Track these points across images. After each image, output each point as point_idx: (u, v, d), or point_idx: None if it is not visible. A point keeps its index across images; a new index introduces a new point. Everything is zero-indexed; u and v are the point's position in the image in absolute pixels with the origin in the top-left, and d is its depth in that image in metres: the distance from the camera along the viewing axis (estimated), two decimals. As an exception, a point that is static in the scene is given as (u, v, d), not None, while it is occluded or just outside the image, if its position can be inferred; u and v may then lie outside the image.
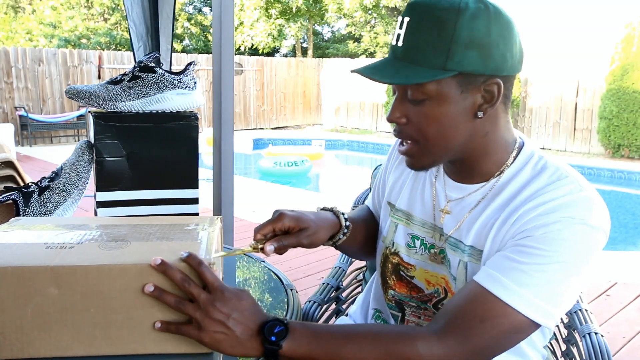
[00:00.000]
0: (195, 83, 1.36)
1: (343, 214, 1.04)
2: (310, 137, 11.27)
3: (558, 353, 1.21)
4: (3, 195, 1.20)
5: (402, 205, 1.05)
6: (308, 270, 3.38)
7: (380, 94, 12.44)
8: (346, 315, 1.35)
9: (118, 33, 17.54)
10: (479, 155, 0.89)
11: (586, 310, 1.18)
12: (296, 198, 5.95)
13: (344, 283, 1.49)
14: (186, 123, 1.32)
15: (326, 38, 21.31)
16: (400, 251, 1.03)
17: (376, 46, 20.10)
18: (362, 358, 0.77)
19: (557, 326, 1.23)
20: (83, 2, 18.37)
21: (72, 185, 1.26)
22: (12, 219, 0.97)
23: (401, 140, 0.91)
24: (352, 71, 0.87)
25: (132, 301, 0.76)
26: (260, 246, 0.90)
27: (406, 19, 0.83)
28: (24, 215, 1.20)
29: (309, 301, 1.34)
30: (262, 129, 13.20)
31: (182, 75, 1.35)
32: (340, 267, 1.49)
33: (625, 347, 2.47)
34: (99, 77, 10.63)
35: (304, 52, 17.84)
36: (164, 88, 1.33)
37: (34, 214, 1.20)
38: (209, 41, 18.42)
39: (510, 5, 0.86)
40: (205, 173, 2.21)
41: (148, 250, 0.80)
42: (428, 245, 0.99)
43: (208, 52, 15.60)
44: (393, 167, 1.11)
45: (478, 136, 0.87)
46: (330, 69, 14.22)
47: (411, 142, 0.88)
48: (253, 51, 16.63)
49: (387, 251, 1.06)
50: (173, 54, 2.33)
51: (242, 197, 5.04)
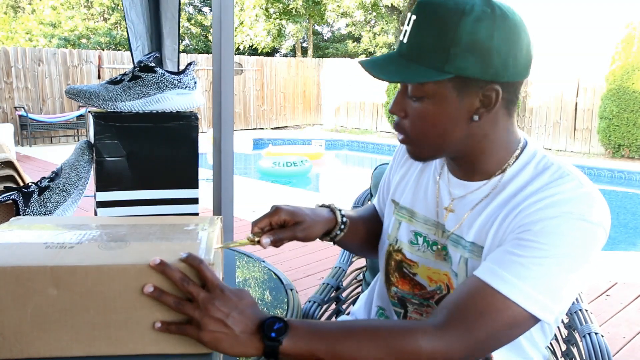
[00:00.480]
0: (195, 83, 1.36)
1: (340, 211, 1.07)
2: (310, 137, 11.27)
3: (558, 353, 1.21)
4: (3, 195, 1.20)
5: (406, 202, 1.06)
6: (308, 270, 3.38)
7: (380, 94, 12.43)
8: (347, 314, 1.35)
9: (118, 33, 17.54)
10: (478, 154, 0.90)
11: (586, 310, 1.18)
12: (296, 198, 5.95)
13: (344, 283, 1.49)
14: (186, 123, 1.32)
15: (326, 38, 21.33)
16: (403, 248, 1.04)
17: (376, 46, 20.12)
18: (363, 353, 0.77)
19: (557, 326, 1.23)
20: (83, 2, 18.37)
21: (72, 185, 1.26)
22: (12, 219, 0.97)
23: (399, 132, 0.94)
24: (359, 62, 0.89)
25: (132, 301, 0.76)
26: (257, 239, 0.93)
27: (413, 17, 0.84)
28: (24, 215, 1.20)
29: (309, 301, 1.34)
30: (262, 129, 13.20)
31: (182, 75, 1.35)
32: (340, 267, 1.49)
33: (625, 348, 2.47)
34: (99, 77, 10.63)
35: (304, 52, 17.84)
36: (164, 88, 1.32)
37: (34, 214, 1.20)
38: (209, 41, 18.43)
39: (510, 5, 0.86)
40: (205, 173, 2.21)
41: (147, 250, 0.80)
42: (430, 242, 1.00)
43: (208, 52, 15.61)
44: (398, 166, 1.13)
45: (475, 137, 0.88)
46: (330, 69, 14.21)
47: (406, 136, 0.91)
48: (253, 51, 16.63)
49: (391, 248, 1.07)
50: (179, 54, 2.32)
51: (242, 197, 5.04)
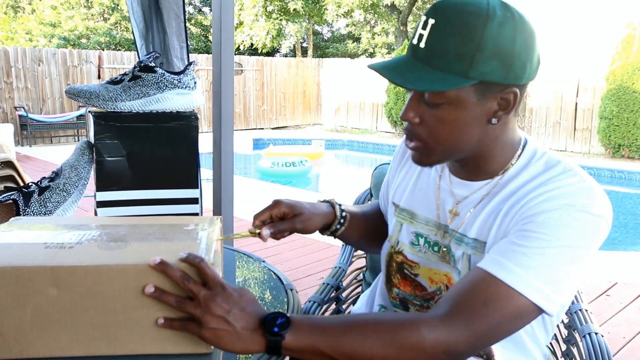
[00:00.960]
0: (195, 83, 1.36)
1: (340, 205, 1.10)
2: (310, 137, 11.26)
3: (558, 353, 1.21)
4: (3, 195, 1.20)
5: (406, 204, 1.06)
6: (308, 270, 3.38)
7: (380, 94, 12.43)
8: (348, 314, 1.35)
9: (118, 33, 17.54)
10: (486, 156, 0.91)
11: (586, 310, 1.18)
12: (296, 198, 5.95)
13: (344, 283, 1.49)
14: (186, 123, 1.32)
15: (326, 38, 21.33)
16: (404, 250, 1.04)
17: (375, 46, 20.11)
18: (366, 346, 0.76)
19: (558, 326, 1.23)
20: (83, 2, 18.36)
21: (72, 185, 1.26)
22: (12, 219, 0.97)
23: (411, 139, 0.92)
24: (370, 67, 0.86)
25: (132, 301, 0.76)
26: (257, 231, 0.98)
27: (431, 21, 0.81)
28: (24, 215, 1.20)
29: (309, 301, 1.34)
30: (262, 129, 13.19)
31: (182, 75, 1.35)
32: (340, 267, 1.49)
33: (625, 348, 2.47)
34: (99, 77, 10.62)
35: (304, 52, 17.83)
36: (164, 88, 1.32)
37: (34, 214, 1.20)
38: (209, 41, 18.41)
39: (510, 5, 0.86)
40: (207, 173, 2.21)
41: (147, 250, 0.80)
42: (432, 243, 1.00)
43: (208, 52, 15.60)
44: (397, 168, 1.13)
45: (488, 140, 0.88)
46: (330, 69, 14.21)
47: (420, 142, 0.89)
48: (253, 51, 16.62)
49: (392, 250, 1.07)
50: (188, 53, 2.30)
51: (242, 197, 5.04)
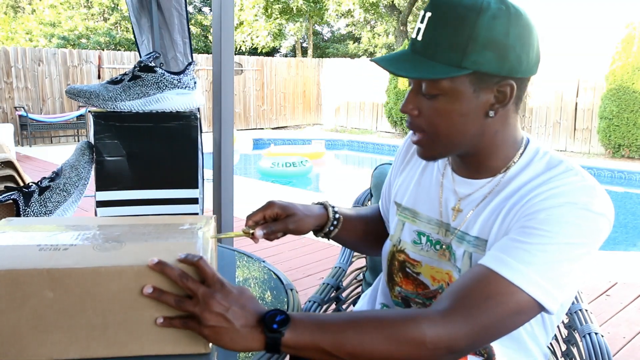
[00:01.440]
0: (195, 83, 1.36)
1: (333, 208, 1.11)
2: (310, 137, 11.26)
3: (558, 353, 1.21)
4: (3, 195, 1.20)
5: (408, 203, 1.06)
6: (308, 270, 3.38)
7: (380, 94, 12.42)
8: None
9: (118, 33, 17.54)
10: (488, 152, 0.91)
11: (586, 310, 1.18)
12: (296, 198, 5.95)
13: (344, 283, 1.49)
14: (186, 123, 1.32)
15: (326, 38, 21.32)
16: (406, 248, 1.05)
17: (375, 47, 20.10)
18: (367, 342, 0.75)
19: (558, 326, 1.23)
20: (83, 2, 18.36)
21: (73, 185, 1.26)
22: (2, 220, 0.95)
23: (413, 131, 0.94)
24: (371, 60, 0.90)
25: (129, 302, 0.75)
26: (251, 231, 0.99)
27: (428, 14, 0.84)
28: (25, 215, 1.20)
29: (309, 301, 1.34)
30: (262, 129, 13.19)
31: (182, 75, 1.35)
32: (340, 267, 1.49)
33: (625, 348, 2.47)
34: (99, 77, 10.62)
35: (304, 52, 17.83)
36: (164, 88, 1.32)
37: (35, 214, 1.20)
38: (209, 41, 18.41)
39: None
40: (206, 173, 2.21)
41: (143, 250, 0.79)
42: (434, 241, 1.00)
43: (208, 52, 15.59)
44: (400, 169, 1.14)
45: (488, 134, 0.89)
46: (330, 69, 14.20)
47: (422, 134, 0.91)
48: (253, 51, 16.62)
49: (394, 249, 1.07)
50: (192, 51, 2.31)
51: (242, 197, 5.04)
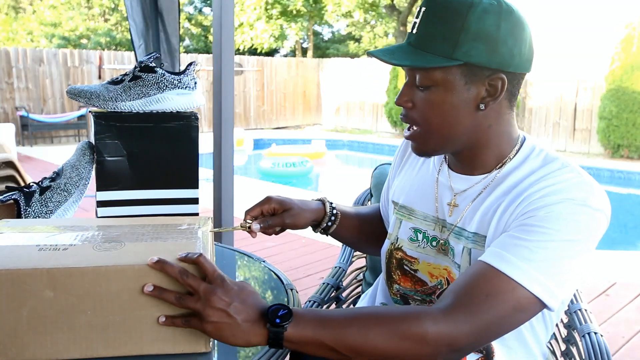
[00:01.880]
0: (195, 83, 1.36)
1: (331, 203, 1.13)
2: (310, 137, 11.25)
3: (558, 353, 1.21)
4: (4, 195, 1.20)
5: (405, 201, 1.08)
6: (308, 270, 3.38)
7: (380, 94, 12.42)
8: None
9: (118, 33, 17.54)
10: (482, 147, 0.92)
11: (586, 310, 1.18)
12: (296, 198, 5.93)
13: (344, 283, 1.49)
14: (186, 123, 1.32)
15: (326, 38, 21.31)
16: (403, 245, 1.06)
17: (376, 47, 20.10)
18: (369, 338, 0.76)
19: (557, 326, 1.23)
20: (83, 2, 18.37)
21: (74, 185, 1.27)
22: (0, 222, 0.95)
23: (408, 125, 0.95)
24: (368, 53, 0.92)
25: (129, 302, 0.75)
26: (248, 225, 1.03)
27: (423, 9, 0.87)
28: (26, 214, 1.20)
29: (309, 301, 1.34)
30: (262, 129, 13.19)
31: (183, 75, 1.35)
32: (340, 267, 1.49)
33: (624, 347, 2.47)
34: (100, 77, 10.63)
35: (304, 52, 17.82)
36: (164, 88, 1.33)
37: (36, 214, 1.20)
38: (209, 41, 18.41)
39: (514, 3, 0.89)
40: (207, 173, 2.21)
41: (143, 250, 0.79)
42: (430, 237, 1.01)
43: (208, 52, 15.59)
44: (397, 169, 1.15)
45: (481, 128, 0.90)
46: (330, 69, 14.20)
47: (416, 127, 0.92)
48: (253, 51, 16.62)
49: (392, 247, 1.08)
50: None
51: (242, 197, 5.04)
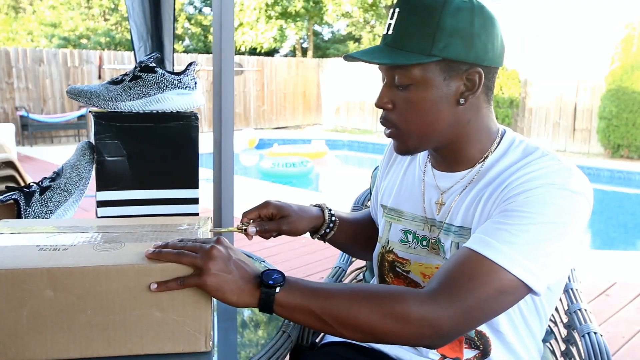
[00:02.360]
0: (195, 83, 1.36)
1: (330, 210, 1.13)
2: (310, 137, 11.25)
3: (557, 353, 1.21)
4: (4, 195, 1.20)
5: (393, 204, 1.09)
6: (308, 270, 3.38)
7: (380, 94, 12.41)
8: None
9: (118, 33, 17.54)
10: (463, 142, 0.94)
11: (585, 310, 1.18)
12: (296, 198, 5.95)
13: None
14: (186, 123, 1.32)
15: (326, 38, 21.30)
16: (394, 248, 1.06)
17: (376, 47, 20.04)
18: (354, 311, 0.79)
19: (557, 325, 1.23)
20: (83, 2, 18.37)
21: (74, 185, 1.27)
22: (0, 222, 0.95)
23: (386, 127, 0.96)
24: (345, 56, 0.92)
25: (129, 302, 0.75)
26: (244, 227, 1.03)
27: (397, 10, 0.89)
28: (26, 214, 1.20)
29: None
30: (262, 129, 13.19)
31: (183, 75, 1.35)
32: (340, 267, 1.49)
33: (624, 347, 2.48)
34: (100, 78, 10.63)
35: (304, 52, 17.82)
36: (165, 88, 1.33)
37: (36, 214, 1.20)
38: (209, 41, 18.41)
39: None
40: (207, 173, 2.21)
41: (143, 250, 0.79)
42: (420, 237, 1.02)
43: (208, 52, 15.59)
44: (384, 172, 1.16)
45: (461, 123, 0.92)
46: (330, 69, 14.20)
47: (394, 127, 0.93)
48: (253, 51, 16.62)
49: (383, 250, 1.08)
50: (174, 54, 2.34)
51: (242, 197, 5.04)
